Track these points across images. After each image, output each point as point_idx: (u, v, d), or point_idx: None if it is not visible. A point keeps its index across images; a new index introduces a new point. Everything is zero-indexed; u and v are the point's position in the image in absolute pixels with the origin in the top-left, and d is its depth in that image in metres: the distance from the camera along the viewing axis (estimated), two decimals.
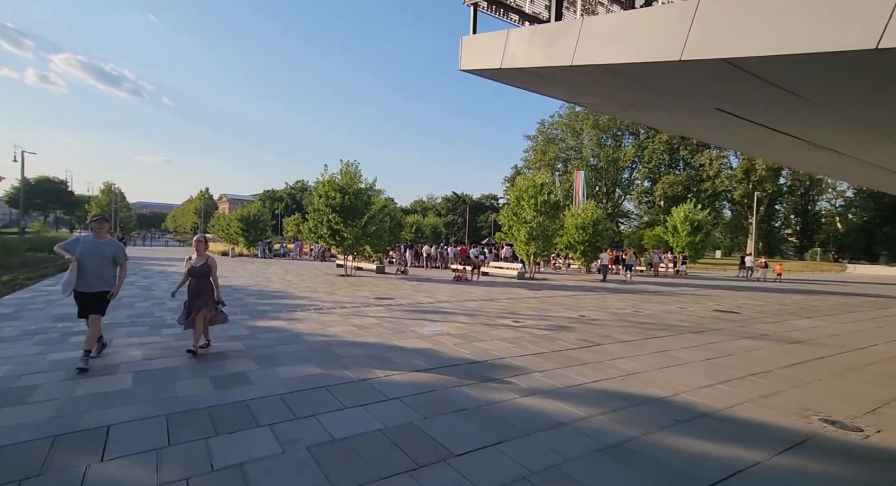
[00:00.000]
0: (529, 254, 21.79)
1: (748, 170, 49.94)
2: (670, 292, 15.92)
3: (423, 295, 12.77)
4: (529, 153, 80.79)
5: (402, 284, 16.49)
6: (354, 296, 12.10)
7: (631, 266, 21.12)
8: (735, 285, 21.12)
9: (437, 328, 7.53)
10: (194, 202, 72.94)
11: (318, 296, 11.90)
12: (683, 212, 30.33)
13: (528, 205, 21.07)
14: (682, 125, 8.20)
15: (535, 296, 13.42)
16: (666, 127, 7.67)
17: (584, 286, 17.61)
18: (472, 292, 14.22)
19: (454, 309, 10.02)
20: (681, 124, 8.00)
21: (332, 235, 18.95)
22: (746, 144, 9.18)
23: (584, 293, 14.66)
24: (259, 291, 12.78)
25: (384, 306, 10.32)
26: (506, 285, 16.99)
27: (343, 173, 19.34)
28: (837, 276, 35.12)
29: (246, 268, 22.72)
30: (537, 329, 7.72)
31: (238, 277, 17.22)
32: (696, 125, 7.62)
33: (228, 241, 40.02)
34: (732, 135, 7.70)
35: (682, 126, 8.35)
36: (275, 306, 9.90)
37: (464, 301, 11.59)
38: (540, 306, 10.87)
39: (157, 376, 4.64)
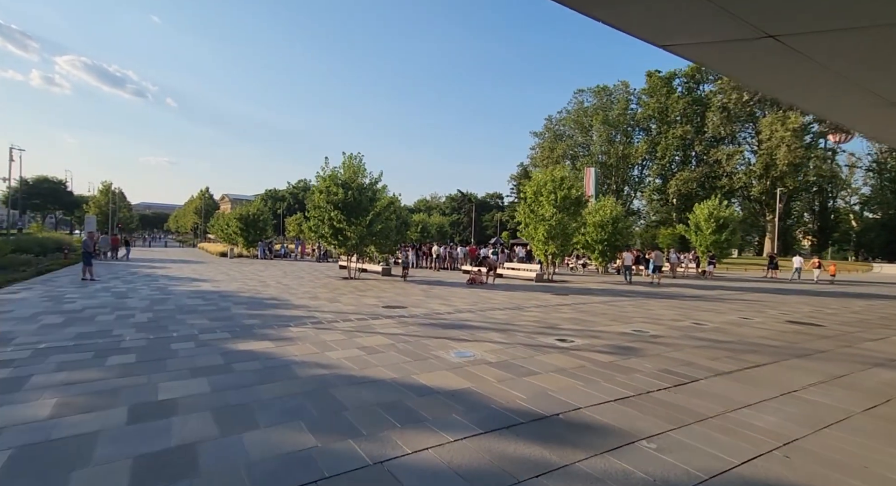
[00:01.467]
0: (548, 254, 20.06)
1: (768, 165, 47.89)
2: (712, 297, 14.14)
3: (439, 302, 11.07)
4: (536, 150, 79.06)
5: (412, 288, 14.80)
6: (360, 304, 10.41)
7: (659, 267, 19.33)
8: (778, 287, 19.28)
9: (468, 353, 5.82)
10: (194, 202, 71.55)
11: (318, 304, 10.22)
12: (708, 208, 28.46)
13: (546, 201, 19.34)
14: (731, 60, 5.76)
15: (566, 302, 11.69)
16: (711, 62, 5.49)
17: (613, 290, 15.85)
18: (492, 297, 12.51)
19: (480, 321, 8.31)
20: (729, 59, 5.62)
21: (335, 234, 17.28)
22: (813, 99, 7.05)
23: (619, 299, 12.91)
24: (251, 298, 11.11)
25: (395, 317, 8.63)
26: (526, 289, 15.26)
27: (346, 167, 17.66)
28: (868, 276, 33.11)
29: (242, 270, 21.10)
30: (595, 352, 5.99)
31: (231, 280, 15.58)
32: (748, 61, 5.35)
33: (227, 241, 38.51)
34: (792, 77, 5.58)
35: (732, 61, 5.92)
36: (265, 318, 8.22)
37: (487, 310, 9.88)
38: (579, 317, 9.14)
39: (49, 456, 2.94)
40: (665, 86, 59.52)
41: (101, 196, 55.97)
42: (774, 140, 46.23)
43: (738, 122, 54.80)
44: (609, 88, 68.14)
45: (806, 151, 46.89)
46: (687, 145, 58.15)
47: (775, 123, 45.75)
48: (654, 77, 60.59)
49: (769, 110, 48.91)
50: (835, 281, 24.02)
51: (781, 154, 45.65)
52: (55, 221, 73.50)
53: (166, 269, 20.41)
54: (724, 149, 54.33)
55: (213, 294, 11.64)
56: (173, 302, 9.98)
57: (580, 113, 70.85)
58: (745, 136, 56.94)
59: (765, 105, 50.35)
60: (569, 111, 73.09)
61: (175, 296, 11.05)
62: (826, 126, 48.35)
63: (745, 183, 50.69)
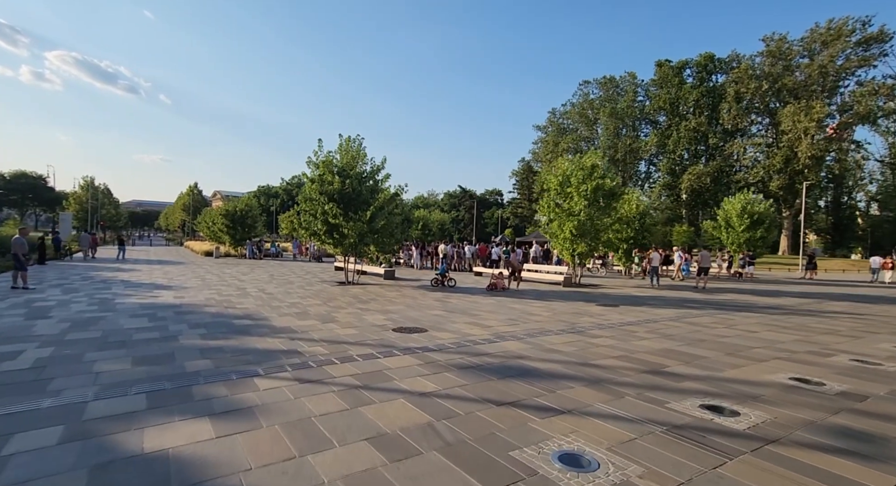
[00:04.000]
0: (575, 254, 17.37)
1: (788, 158, 45.41)
2: (800, 309, 11.52)
3: (466, 320, 8.36)
4: (539, 145, 76.32)
5: (423, 296, 12.08)
6: (362, 325, 7.69)
7: (706, 269, 16.70)
8: (863, 293, 16.71)
9: (581, 456, 3.12)
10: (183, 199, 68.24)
11: (306, 327, 7.48)
12: (741, 203, 25.86)
13: (576, 192, 16.63)
14: None
15: (627, 319, 9.02)
16: None
17: (665, 298, 13.21)
18: (529, 310, 9.81)
19: (541, 359, 5.62)
20: None
21: (329, 231, 14.52)
22: None
23: (685, 311, 10.26)
24: (217, 316, 8.34)
25: (416, 351, 5.91)
26: (559, 296, 12.59)
27: (343, 151, 14.88)
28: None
29: (223, 272, 18.28)
30: (807, 450, 3.32)
31: (203, 288, 12.76)
32: None
33: (213, 239, 35.60)
34: None
35: None
36: (223, 356, 5.48)
37: (537, 334, 7.18)
38: (673, 348, 6.47)
39: None
40: (676, 76, 56.94)
41: (83, 192, 52.76)
42: (796, 131, 43.74)
43: (754, 113, 52.34)
44: (616, 80, 65.56)
45: (828, 142, 44.45)
46: (700, 138, 55.62)
47: (798, 113, 43.24)
48: (665, 67, 58.01)
49: (790, 100, 46.37)
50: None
51: (804, 146, 43.18)
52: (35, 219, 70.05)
53: (133, 272, 17.55)
54: (740, 141, 51.89)
55: (169, 310, 8.86)
56: (104, 326, 7.20)
57: (585, 106, 68.21)
58: (760, 128, 54.49)
59: (784, 95, 47.86)
60: (573, 104, 70.44)
61: (115, 314, 8.26)
62: (850, 116, 46.03)
63: (763, 177, 48.19)
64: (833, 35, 45.23)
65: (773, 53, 48.82)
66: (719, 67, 55.97)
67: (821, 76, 45.91)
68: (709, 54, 55.72)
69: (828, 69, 45.21)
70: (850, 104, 45.33)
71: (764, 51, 49.97)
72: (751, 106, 51.71)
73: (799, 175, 45.86)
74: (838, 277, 26.90)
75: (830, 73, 45.58)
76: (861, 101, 42.83)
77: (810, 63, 46.83)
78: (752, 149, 51.64)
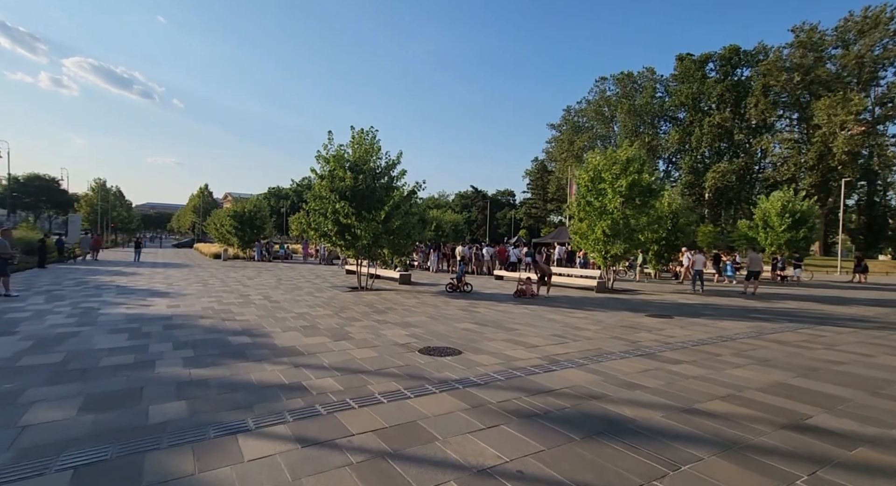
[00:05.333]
0: (608, 257, 15.83)
1: (822, 154, 43.04)
2: (880, 320, 9.89)
3: (504, 337, 6.97)
4: (553, 144, 74.51)
5: (446, 305, 10.71)
6: (381, 344, 6.34)
7: (757, 273, 15.03)
8: None
9: None
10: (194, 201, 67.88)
11: (314, 346, 6.16)
12: (781, 201, 23.98)
13: (610, 188, 15.12)
14: None
15: (692, 334, 7.53)
16: None
17: (720, 307, 11.64)
18: (574, 324, 8.37)
19: (632, 402, 4.21)
20: None
21: (341, 232, 13.25)
22: None
23: (755, 324, 8.72)
24: (210, 331, 7.07)
25: (454, 385, 4.54)
26: (597, 305, 11.11)
27: (355, 145, 13.60)
28: None
29: (228, 277, 17.16)
30: None
31: (202, 295, 11.56)
32: None
33: (221, 241, 34.73)
34: None
35: None
36: (206, 391, 4.18)
37: (600, 359, 5.76)
38: (791, 381, 4.99)
39: None
40: (699, 70, 54.77)
41: (94, 194, 52.56)
42: (832, 126, 41.39)
43: (782, 107, 49.99)
44: (633, 75, 63.57)
45: (866, 137, 42.00)
46: (723, 135, 53.34)
47: (834, 105, 40.90)
48: (687, 60, 55.88)
49: (824, 92, 43.98)
50: None
51: (840, 141, 40.82)
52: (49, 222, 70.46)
53: (131, 276, 16.51)
54: (767, 137, 49.59)
55: (157, 323, 7.62)
56: (72, 345, 5.97)
57: (602, 102, 66.29)
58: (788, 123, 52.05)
59: (816, 87, 45.48)
60: (589, 101, 68.55)
61: (91, 330, 7.05)
62: (890, 109, 43.51)
63: (796, 175, 45.82)
64: (870, 23, 42.82)
65: (803, 44, 46.51)
66: (745, 61, 53.67)
67: (857, 67, 43.51)
68: (734, 47, 53.49)
69: (865, 59, 42.81)
70: (891, 96, 42.87)
71: (794, 42, 47.66)
72: (778, 100, 49.38)
73: (833, 172, 43.48)
74: (885, 280, 24.84)
75: (867, 64, 43.16)
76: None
77: (845, 53, 44.44)
78: (780, 145, 49.25)
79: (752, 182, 54.48)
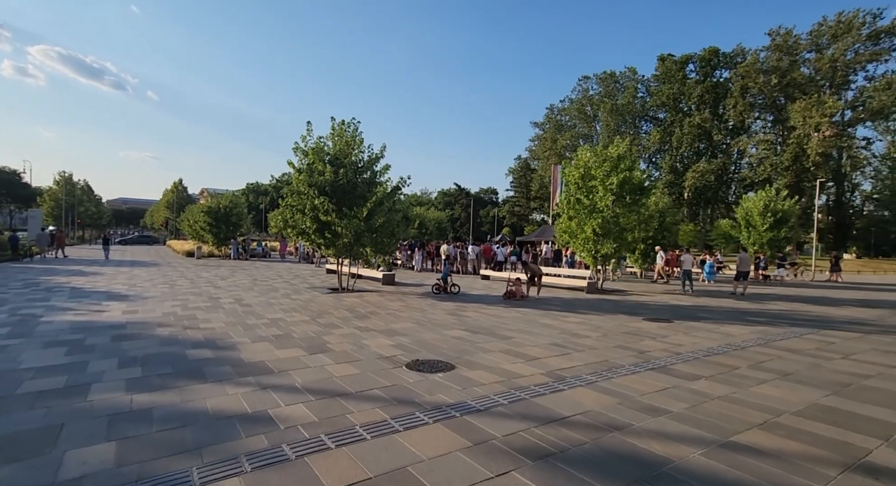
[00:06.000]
0: (599, 256, 15.41)
1: (797, 156, 43.99)
2: (878, 323, 9.67)
3: (497, 345, 6.33)
4: (536, 142, 74.47)
5: (432, 308, 10.02)
6: (363, 357, 5.61)
7: (746, 274, 14.84)
8: None
9: None
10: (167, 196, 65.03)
11: (286, 360, 5.38)
12: (763, 200, 24.14)
13: (602, 186, 14.68)
14: None
15: (699, 342, 7.05)
16: None
17: (708, 307, 11.29)
18: (570, 328, 7.80)
19: (659, 433, 3.62)
20: None
21: (321, 230, 12.40)
22: None
23: (758, 329, 8.34)
24: (168, 341, 6.19)
25: (450, 413, 3.86)
26: (590, 307, 10.60)
27: (336, 136, 12.75)
28: None
29: (199, 277, 16.05)
30: None
31: (165, 298, 10.53)
32: None
33: (195, 238, 33.14)
34: None
35: None
36: (147, 428, 3.39)
37: (610, 374, 5.17)
38: (826, 402, 4.50)
39: None
40: (679, 71, 55.39)
41: (58, 188, 49.77)
42: (806, 128, 42.33)
43: (759, 109, 50.96)
44: (615, 75, 63.94)
45: (838, 139, 43.11)
46: (703, 135, 54.11)
47: (809, 108, 41.82)
48: (668, 61, 56.44)
49: (800, 95, 44.95)
50: None
51: (814, 143, 41.79)
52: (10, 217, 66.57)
53: (91, 276, 15.25)
54: (746, 138, 50.49)
55: (106, 334, 6.69)
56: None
57: (584, 102, 66.49)
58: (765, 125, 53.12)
59: (792, 90, 46.47)
60: (572, 100, 68.72)
61: (24, 343, 6.09)
62: (861, 112, 44.76)
63: (771, 175, 46.75)
64: (843, 28, 43.90)
65: (779, 47, 47.44)
66: (724, 62, 54.52)
67: (830, 70, 44.58)
68: (713, 49, 54.25)
69: (838, 64, 43.89)
70: (862, 100, 44.07)
71: (770, 45, 48.58)
72: (755, 102, 50.29)
73: (806, 173, 44.50)
74: (858, 279, 25.31)
75: (840, 68, 44.27)
76: (875, 96, 41.53)
77: (819, 57, 45.48)
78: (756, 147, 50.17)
79: (728, 182, 55.51)
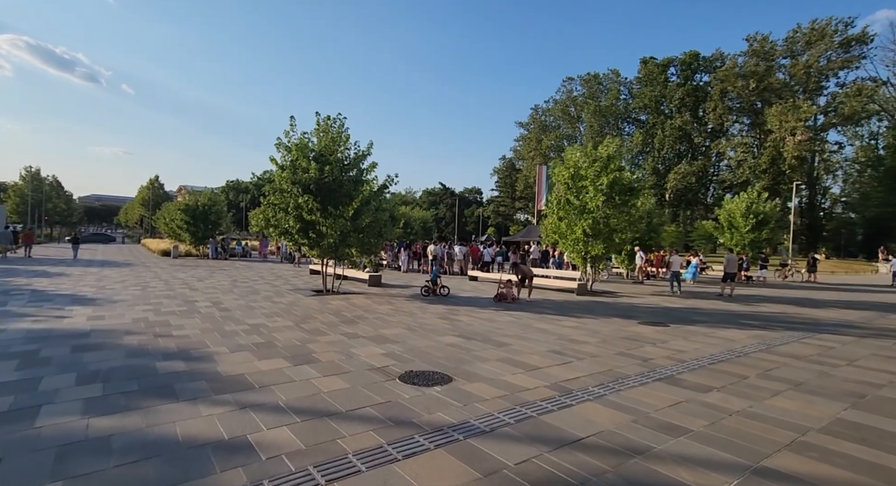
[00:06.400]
0: (588, 258, 15.26)
1: (774, 159, 45.11)
2: (866, 325, 9.72)
3: (494, 353, 5.98)
4: (521, 142, 74.64)
5: (422, 311, 9.62)
6: (353, 369, 5.18)
7: (732, 275, 14.91)
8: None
9: None
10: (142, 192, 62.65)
11: (268, 373, 4.90)
12: (745, 202, 24.52)
13: (592, 186, 14.51)
14: None
15: (701, 348, 6.86)
16: None
17: (700, 309, 11.21)
18: (566, 333, 7.52)
19: (683, 458, 3.31)
20: None
21: (304, 229, 11.85)
22: None
23: (754, 333, 8.23)
24: (136, 352, 5.63)
25: (453, 436, 3.48)
26: (583, 309, 10.37)
27: (322, 131, 12.21)
28: None
29: (175, 278, 15.26)
30: None
31: (139, 300, 9.83)
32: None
33: (172, 237, 31.88)
34: None
35: None
36: (104, 463, 2.90)
37: (617, 386, 4.88)
38: (849, 417, 4.27)
39: None
40: (661, 73, 56.25)
41: (24, 184, 47.43)
42: (782, 132, 43.44)
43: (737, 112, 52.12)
44: (599, 77, 64.58)
45: (812, 143, 44.41)
46: (684, 137, 55.08)
47: (785, 112, 42.90)
48: (650, 64, 57.28)
49: (776, 100, 46.11)
50: None
51: (790, 146, 42.92)
52: None
53: (55, 278, 14.32)
54: (725, 141, 51.58)
55: (66, 343, 6.08)
56: None
57: (568, 102, 66.95)
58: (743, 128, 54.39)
59: (769, 95, 47.63)
60: (556, 101, 69.14)
61: None
62: (834, 117, 46.16)
63: (749, 178, 47.87)
64: (816, 35, 45.21)
65: (756, 53, 48.61)
66: (703, 66, 55.59)
67: (804, 76, 45.86)
68: (694, 52, 55.29)
69: (812, 70, 45.18)
70: (835, 105, 45.45)
71: (748, 50, 49.74)
72: (733, 105, 51.42)
73: (782, 175, 45.68)
74: (834, 280, 25.93)
75: (813, 74, 45.59)
76: (847, 101, 42.85)
77: (794, 63, 46.76)
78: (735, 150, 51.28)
79: (707, 184, 56.63)
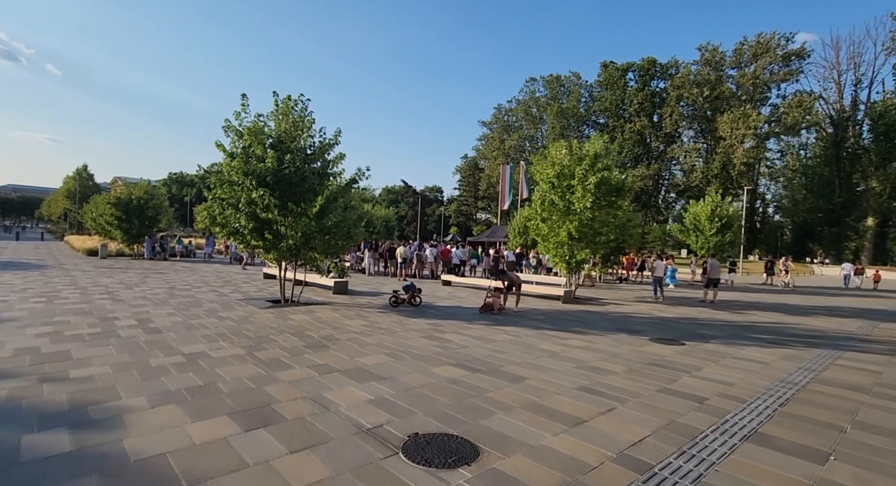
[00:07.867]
0: (573, 262, 14.36)
1: (725, 164, 47.26)
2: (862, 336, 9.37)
3: (512, 393, 4.66)
4: (483, 141, 74.19)
5: (403, 329, 8.13)
6: (330, 427, 3.61)
7: (716, 281, 14.56)
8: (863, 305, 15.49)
9: None
10: (68, 183, 55.80)
11: (202, 448, 3.23)
12: (710, 206, 24.93)
13: (580, 186, 13.58)
14: None
15: (745, 378, 5.92)
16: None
17: (699, 319, 10.55)
18: (581, 357, 6.36)
19: None
20: None
21: (259, 230, 9.97)
22: None
23: (783, 351, 7.50)
24: (5, 409, 3.75)
25: None
26: (578, 321, 9.34)
27: (281, 114, 10.34)
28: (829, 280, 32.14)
29: (97, 284, 12.71)
30: None
31: (38, 317, 7.55)
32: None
33: (100, 234, 27.98)
34: None
35: None
36: None
37: (695, 450, 3.70)
38: None
39: None
40: (621, 78, 57.58)
41: None
42: (733, 138, 45.55)
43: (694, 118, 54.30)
44: (561, 78, 65.29)
45: (759, 150, 46.99)
46: (642, 142, 56.71)
47: (736, 120, 44.98)
48: (610, 68, 58.47)
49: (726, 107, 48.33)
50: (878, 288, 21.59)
51: (739, 153, 45.07)
52: None
53: None
54: (680, 146, 53.55)
55: None
56: None
57: (531, 103, 67.22)
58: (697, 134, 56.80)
59: (719, 103, 49.87)
60: (519, 101, 69.24)
61: None
62: (776, 126, 49.03)
63: (701, 183, 49.93)
64: (762, 48, 47.82)
65: (708, 62, 50.77)
66: (660, 73, 57.46)
67: (751, 87, 48.40)
68: (651, 59, 56.97)
69: (758, 80, 47.75)
70: (778, 115, 48.29)
71: (700, 59, 51.86)
72: (686, 112, 53.52)
73: (731, 181, 47.97)
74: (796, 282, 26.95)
75: (759, 85, 48.22)
76: (789, 112, 45.55)
77: (742, 73, 49.25)
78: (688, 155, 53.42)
79: (658, 188, 58.70)
